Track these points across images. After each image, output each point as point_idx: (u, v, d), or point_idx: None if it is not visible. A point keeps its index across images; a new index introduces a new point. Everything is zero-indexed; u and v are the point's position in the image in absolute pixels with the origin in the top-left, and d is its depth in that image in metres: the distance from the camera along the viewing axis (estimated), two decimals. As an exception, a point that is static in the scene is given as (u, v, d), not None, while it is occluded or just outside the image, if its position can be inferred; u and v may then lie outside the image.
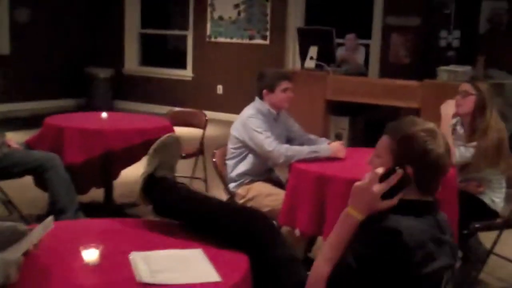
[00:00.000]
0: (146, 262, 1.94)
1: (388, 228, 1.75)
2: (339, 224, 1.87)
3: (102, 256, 1.92)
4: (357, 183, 1.88)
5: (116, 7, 10.61)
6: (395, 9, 8.37)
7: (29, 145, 4.45)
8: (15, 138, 4.54)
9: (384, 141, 1.90)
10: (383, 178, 1.84)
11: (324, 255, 1.85)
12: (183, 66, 10.36)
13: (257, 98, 3.82)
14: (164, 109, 9.08)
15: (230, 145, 3.82)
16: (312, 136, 3.96)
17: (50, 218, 1.99)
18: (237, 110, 9.27)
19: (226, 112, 9.44)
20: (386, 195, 1.84)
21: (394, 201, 1.84)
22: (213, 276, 1.87)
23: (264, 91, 3.76)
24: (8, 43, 9.66)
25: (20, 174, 4.34)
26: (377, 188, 1.82)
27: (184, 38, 10.35)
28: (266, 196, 3.63)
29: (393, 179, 1.82)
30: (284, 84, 3.77)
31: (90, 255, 1.91)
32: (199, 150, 5.27)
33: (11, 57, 9.63)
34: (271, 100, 3.77)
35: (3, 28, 9.60)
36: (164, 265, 1.95)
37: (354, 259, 1.75)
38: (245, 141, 3.70)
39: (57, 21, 10.20)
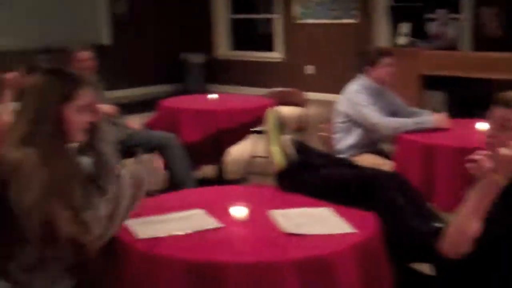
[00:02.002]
0: (286, 218, 2.22)
1: None
2: (481, 189, 1.90)
3: (249, 213, 2.22)
4: (504, 152, 1.89)
5: (207, -6, 11.00)
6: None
7: (148, 126, 4.84)
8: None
9: (508, 113, 1.98)
10: None
11: (467, 215, 1.89)
12: (272, 49, 10.62)
13: (360, 75, 4.03)
14: (255, 91, 9.39)
15: (336, 120, 4.05)
16: (415, 109, 4.14)
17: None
18: (328, 89, 9.45)
19: (317, 92, 9.64)
20: None
21: None
22: (348, 228, 2.13)
23: (368, 67, 3.96)
24: (109, 34, 10.22)
25: (142, 153, 4.73)
26: None
27: (272, 21, 10.60)
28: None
29: None
30: (387, 60, 3.96)
31: (239, 212, 2.21)
32: (302, 127, 5.50)
33: (112, 47, 10.19)
34: (375, 75, 3.97)
35: (104, 19, 10.17)
36: (301, 219, 2.22)
37: (500, 217, 1.85)
38: (351, 115, 3.92)
39: (153, 11, 10.69)
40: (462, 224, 1.92)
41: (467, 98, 6.49)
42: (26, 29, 9.14)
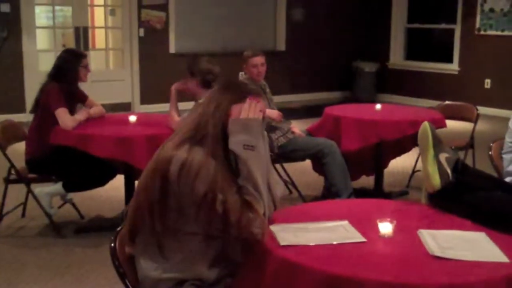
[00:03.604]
0: (434, 239, 2.11)
1: None
2: None
3: (395, 230, 2.13)
4: None
5: (384, 3, 10.84)
6: None
7: (310, 132, 4.87)
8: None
9: None
10: None
11: None
12: (449, 59, 10.21)
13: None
14: (428, 103, 9.09)
15: (508, 138, 3.77)
16: None
17: None
18: (507, 104, 8.93)
19: (495, 107, 9.10)
20: None
21: None
22: (501, 256, 1.97)
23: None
24: (285, 40, 10.46)
25: (302, 158, 4.80)
26: None
27: (451, 31, 10.19)
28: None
29: None
30: None
31: (386, 228, 2.13)
32: (469, 144, 5.24)
33: (286, 53, 10.42)
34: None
35: (281, 26, 10.44)
36: (451, 242, 2.09)
37: None
38: (525, 135, 3.63)
39: (328, 19, 10.77)
40: None
41: None
42: (212, 34, 9.70)
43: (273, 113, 4.61)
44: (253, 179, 2.12)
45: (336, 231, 2.19)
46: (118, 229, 2.24)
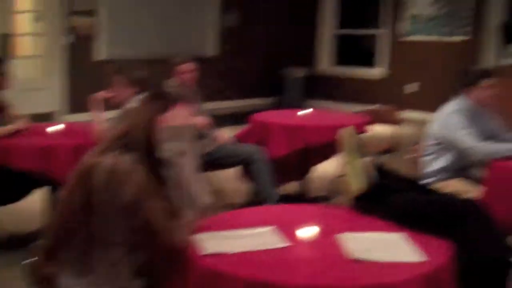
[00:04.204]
0: (355, 242, 2.15)
1: None
2: None
3: (318, 234, 2.17)
4: None
5: (312, 9, 11.00)
6: None
7: (238, 139, 4.89)
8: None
9: None
10: None
11: None
12: (375, 65, 10.46)
13: (459, 96, 3.86)
14: (356, 107, 9.26)
15: (428, 142, 3.91)
16: (514, 135, 3.91)
17: None
18: (431, 108, 9.16)
19: (419, 111, 9.38)
20: None
21: None
22: (419, 256, 2.03)
23: (468, 88, 3.79)
24: (217, 45, 10.45)
25: (229, 165, 4.80)
26: None
27: (377, 37, 10.44)
28: (463, 194, 3.66)
29: None
30: (489, 81, 3.77)
31: (309, 232, 2.17)
32: (393, 147, 5.37)
33: (217, 59, 10.42)
34: (475, 97, 3.79)
35: (213, 32, 10.42)
36: (371, 245, 2.14)
37: None
38: (444, 137, 3.76)
39: (257, 25, 10.82)
40: None
41: None
42: (143, 40, 9.60)
43: (200, 120, 4.60)
44: (182, 186, 2.12)
45: (261, 238, 2.21)
46: (35, 245, 2.16)
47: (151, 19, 9.70)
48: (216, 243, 2.15)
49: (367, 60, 10.72)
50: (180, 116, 2.15)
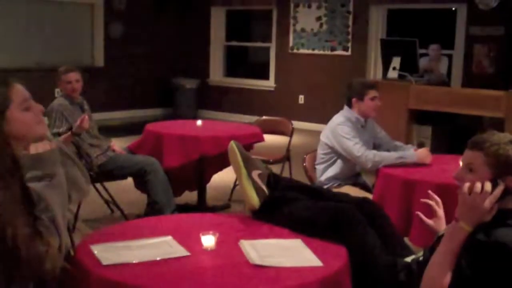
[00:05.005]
0: (254, 249, 2.19)
1: (497, 242, 1.83)
2: (450, 236, 1.95)
3: (218, 242, 2.18)
4: (466, 199, 1.94)
5: (203, 21, 11.06)
6: (478, 19, 8.36)
7: (131, 150, 4.81)
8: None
9: (476, 156, 1.96)
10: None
11: (438, 265, 1.93)
12: (265, 77, 10.66)
13: (345, 107, 4.02)
14: (247, 118, 9.40)
15: (319, 151, 4.04)
16: (398, 143, 4.12)
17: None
18: (319, 119, 9.47)
19: (308, 122, 9.66)
20: None
21: (493, 211, 1.92)
22: (315, 261, 2.09)
23: (353, 99, 3.96)
24: (103, 57, 10.26)
25: (123, 176, 4.71)
26: (487, 203, 1.90)
27: (266, 50, 10.66)
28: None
29: (498, 192, 1.91)
30: (372, 93, 3.96)
31: (208, 241, 2.17)
32: (286, 157, 5.50)
33: (105, 69, 10.22)
34: (360, 108, 3.96)
35: (99, 42, 10.22)
36: (270, 251, 2.18)
37: (469, 270, 1.84)
38: (334, 147, 3.91)
39: (148, 35, 10.74)
40: (433, 274, 1.91)
41: (454, 134, 6.50)
42: (25, 49, 9.24)
43: (80, 121, 4.30)
44: (50, 210, 1.99)
45: (160, 247, 2.19)
46: None
47: (34, 27, 9.45)
48: (115, 254, 2.11)
49: (258, 72, 10.92)
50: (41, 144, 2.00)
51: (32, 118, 1.96)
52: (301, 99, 10.15)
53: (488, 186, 1.92)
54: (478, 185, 1.92)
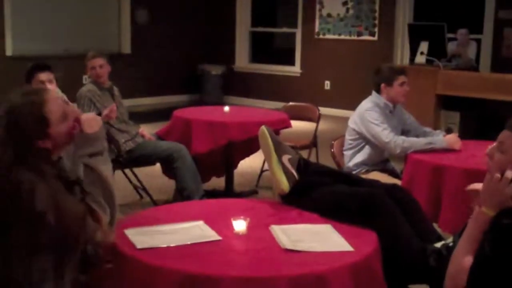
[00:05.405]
0: (285, 234, 2.21)
1: None
2: (473, 221, 1.95)
3: (249, 227, 2.21)
4: (488, 184, 1.93)
5: (228, 7, 11.05)
6: (508, 2, 8.23)
7: (159, 136, 4.85)
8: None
9: (508, 136, 1.93)
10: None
11: (462, 249, 1.94)
12: (291, 62, 10.64)
13: (374, 92, 4.01)
14: (273, 104, 9.41)
15: (347, 136, 4.04)
16: (427, 129, 4.10)
17: None
18: (344, 105, 9.44)
19: (333, 108, 9.63)
20: None
21: None
22: (346, 246, 2.11)
23: (382, 85, 3.94)
24: (130, 43, 10.32)
25: (152, 162, 4.77)
26: (509, 190, 1.88)
27: (292, 35, 10.63)
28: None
29: None
30: (401, 79, 3.95)
31: (240, 225, 2.20)
32: (313, 143, 5.50)
33: (132, 56, 10.28)
34: (389, 94, 3.95)
35: (126, 29, 10.28)
36: (300, 236, 2.20)
37: (492, 252, 1.83)
38: (362, 132, 3.90)
39: (174, 21, 10.76)
40: (458, 258, 1.91)
41: (482, 120, 6.43)
42: (53, 36, 9.34)
43: (107, 111, 4.37)
44: (104, 183, 2.08)
45: (192, 231, 2.23)
46: None
47: (63, 14, 9.52)
48: (149, 237, 2.15)
49: (283, 58, 10.90)
50: (91, 122, 2.13)
51: (71, 126, 2.07)
52: (327, 84, 10.11)
53: (509, 173, 1.89)
54: (508, 174, 1.89)
